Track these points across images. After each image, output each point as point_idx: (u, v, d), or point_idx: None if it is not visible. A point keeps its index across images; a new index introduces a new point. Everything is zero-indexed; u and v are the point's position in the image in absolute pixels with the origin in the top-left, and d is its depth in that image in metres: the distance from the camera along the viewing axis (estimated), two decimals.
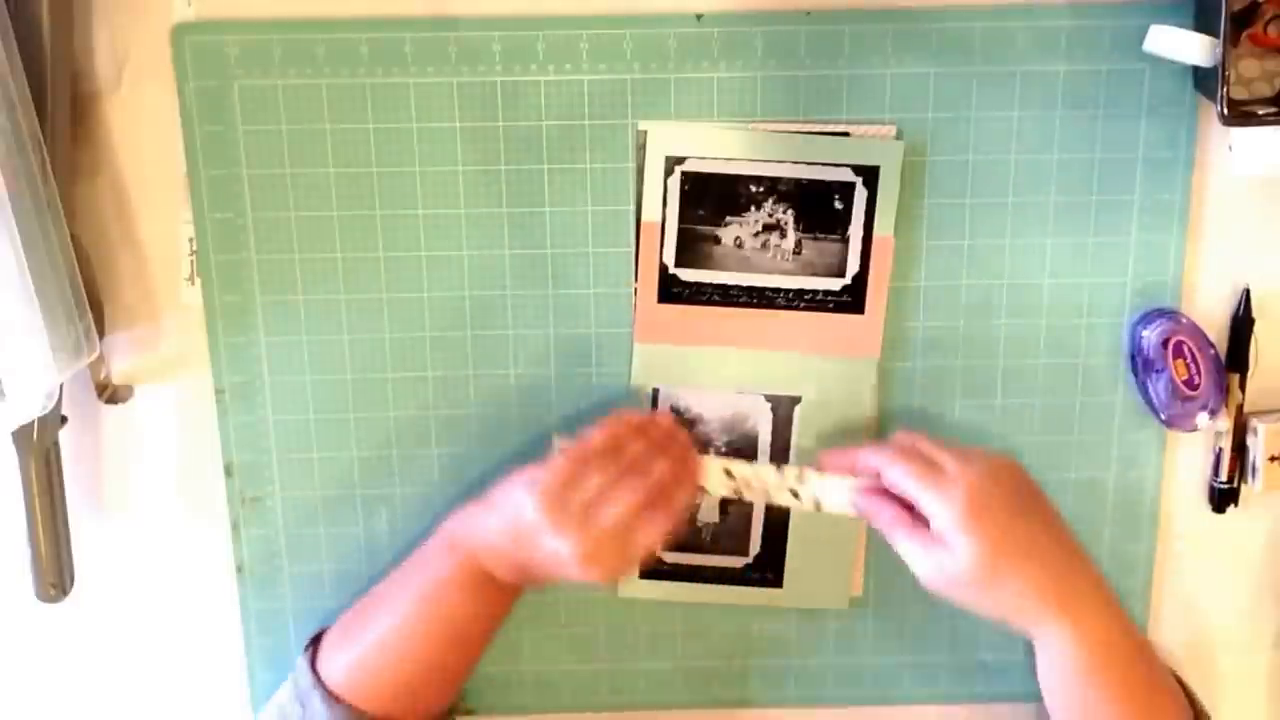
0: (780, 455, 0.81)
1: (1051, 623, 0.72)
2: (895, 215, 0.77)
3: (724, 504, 0.82)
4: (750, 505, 0.82)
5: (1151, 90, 0.76)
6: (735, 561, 0.83)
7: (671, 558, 0.83)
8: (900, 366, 0.80)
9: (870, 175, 0.76)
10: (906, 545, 0.72)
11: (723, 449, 0.81)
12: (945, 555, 0.71)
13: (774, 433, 0.81)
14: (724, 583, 0.84)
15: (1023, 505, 0.73)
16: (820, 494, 0.76)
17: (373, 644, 0.76)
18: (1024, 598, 0.72)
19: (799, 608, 0.84)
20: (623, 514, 0.71)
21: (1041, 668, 0.74)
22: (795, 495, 0.76)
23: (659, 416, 0.78)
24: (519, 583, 0.77)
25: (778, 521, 0.83)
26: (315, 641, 0.79)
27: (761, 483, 0.76)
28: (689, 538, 0.83)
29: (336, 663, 0.77)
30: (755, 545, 0.83)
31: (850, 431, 0.81)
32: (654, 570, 0.83)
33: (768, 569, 0.83)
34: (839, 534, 0.82)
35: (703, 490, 0.76)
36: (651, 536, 0.72)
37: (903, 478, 0.72)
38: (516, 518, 0.73)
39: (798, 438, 0.81)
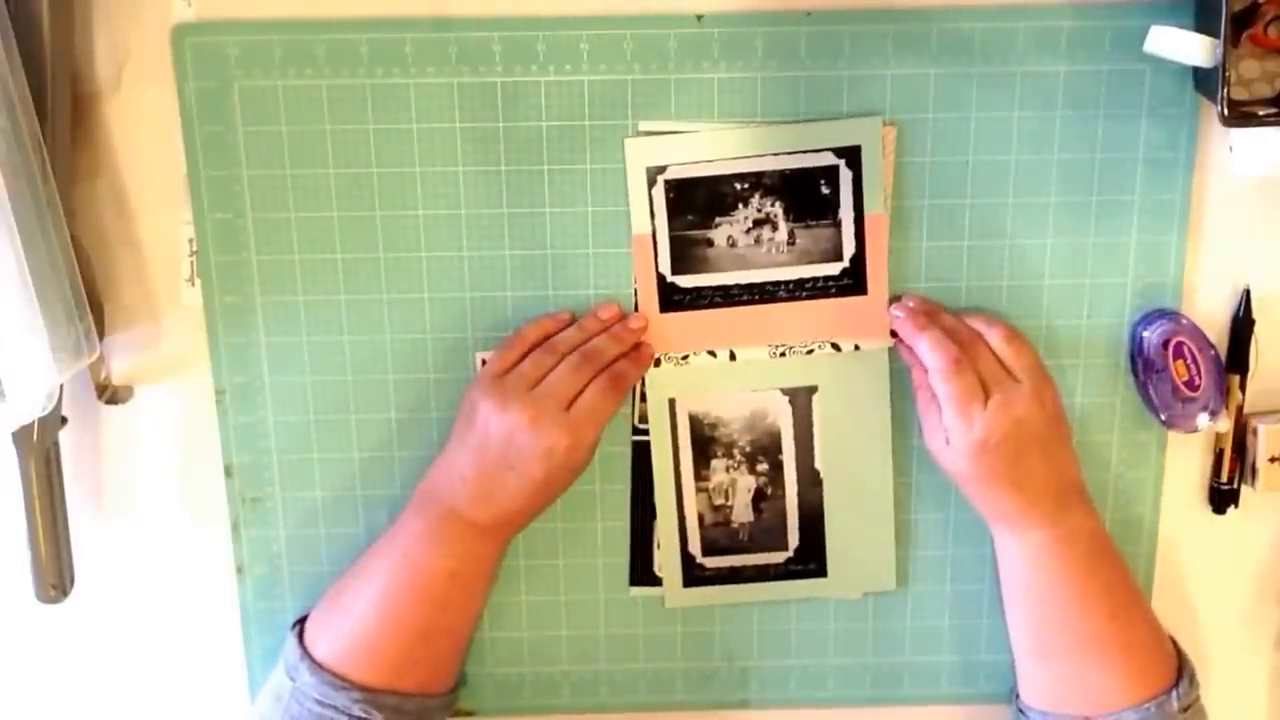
0: (805, 447, 0.81)
1: (1034, 530, 0.76)
2: (886, 193, 0.77)
3: (757, 502, 0.82)
4: (783, 500, 0.82)
5: (1152, 90, 0.76)
6: (776, 557, 0.83)
7: (712, 562, 0.83)
8: (903, 367, 0.80)
9: (852, 155, 0.76)
10: (921, 413, 0.78)
11: (747, 449, 0.81)
12: (946, 454, 0.75)
13: (796, 425, 0.81)
14: (767, 580, 0.83)
15: (1035, 447, 0.74)
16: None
17: (357, 614, 0.76)
18: (1007, 514, 0.76)
19: (849, 595, 0.84)
20: (563, 377, 0.74)
21: (1014, 564, 0.77)
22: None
23: (599, 308, 0.79)
24: (493, 521, 0.76)
25: (813, 512, 0.82)
26: (304, 621, 0.80)
27: None
28: (726, 540, 0.83)
29: (324, 637, 0.77)
30: (794, 538, 0.83)
31: (872, 412, 0.81)
32: (695, 576, 0.83)
33: (810, 560, 0.83)
34: (875, 515, 0.82)
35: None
36: (597, 399, 0.75)
37: (944, 389, 0.74)
38: (468, 425, 0.75)
39: (820, 427, 0.81)
